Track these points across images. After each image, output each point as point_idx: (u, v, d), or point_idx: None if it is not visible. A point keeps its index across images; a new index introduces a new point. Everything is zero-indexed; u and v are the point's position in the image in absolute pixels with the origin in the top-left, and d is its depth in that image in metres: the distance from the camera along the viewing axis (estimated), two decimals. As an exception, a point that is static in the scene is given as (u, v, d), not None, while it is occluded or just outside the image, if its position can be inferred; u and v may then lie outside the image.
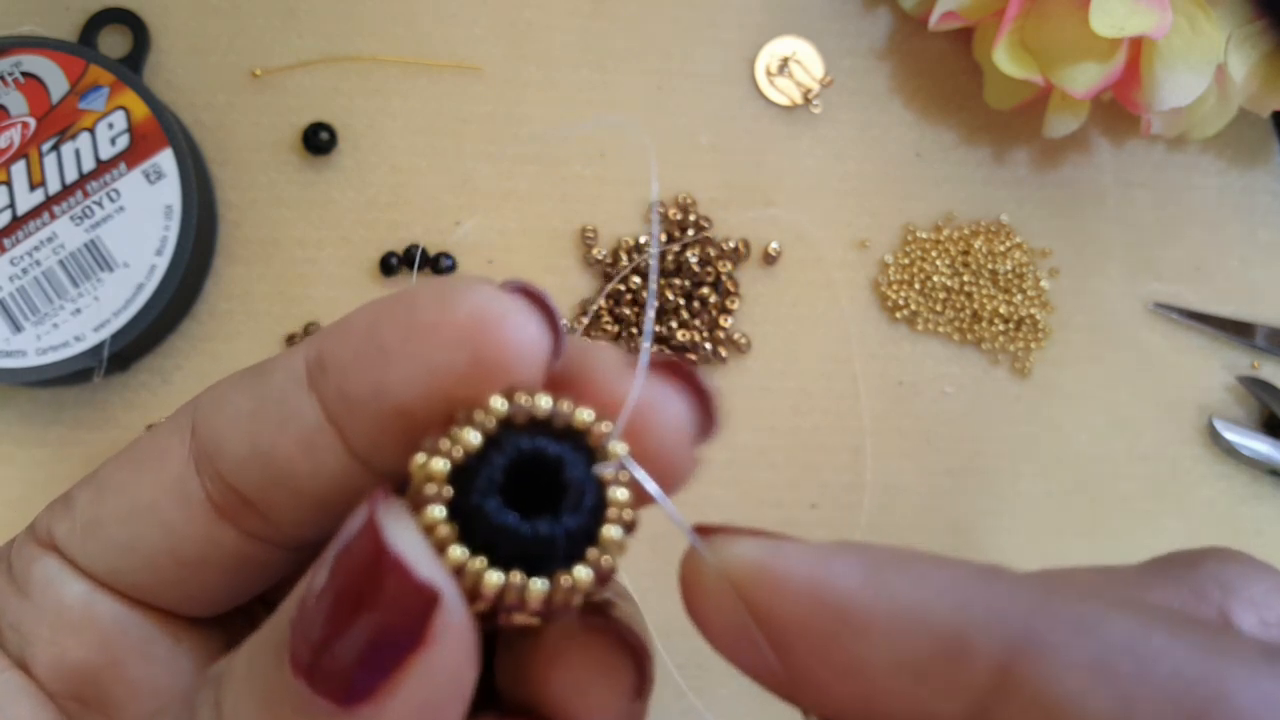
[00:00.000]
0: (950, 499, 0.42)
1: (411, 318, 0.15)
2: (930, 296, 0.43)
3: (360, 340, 0.16)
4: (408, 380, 0.15)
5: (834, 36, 0.44)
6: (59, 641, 0.18)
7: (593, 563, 0.15)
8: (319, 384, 0.16)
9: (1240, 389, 0.43)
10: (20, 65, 0.39)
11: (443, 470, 0.15)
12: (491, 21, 0.44)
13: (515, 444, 0.15)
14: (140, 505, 0.17)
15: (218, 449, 0.17)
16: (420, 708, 0.14)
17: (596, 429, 0.15)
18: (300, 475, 0.17)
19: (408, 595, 0.14)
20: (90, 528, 0.18)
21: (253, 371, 0.18)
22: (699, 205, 0.43)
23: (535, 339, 0.15)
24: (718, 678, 0.41)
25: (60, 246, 0.38)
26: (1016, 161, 0.45)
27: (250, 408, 0.17)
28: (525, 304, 0.16)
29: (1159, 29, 0.37)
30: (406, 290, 0.16)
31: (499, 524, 0.14)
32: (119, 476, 0.18)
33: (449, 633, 0.14)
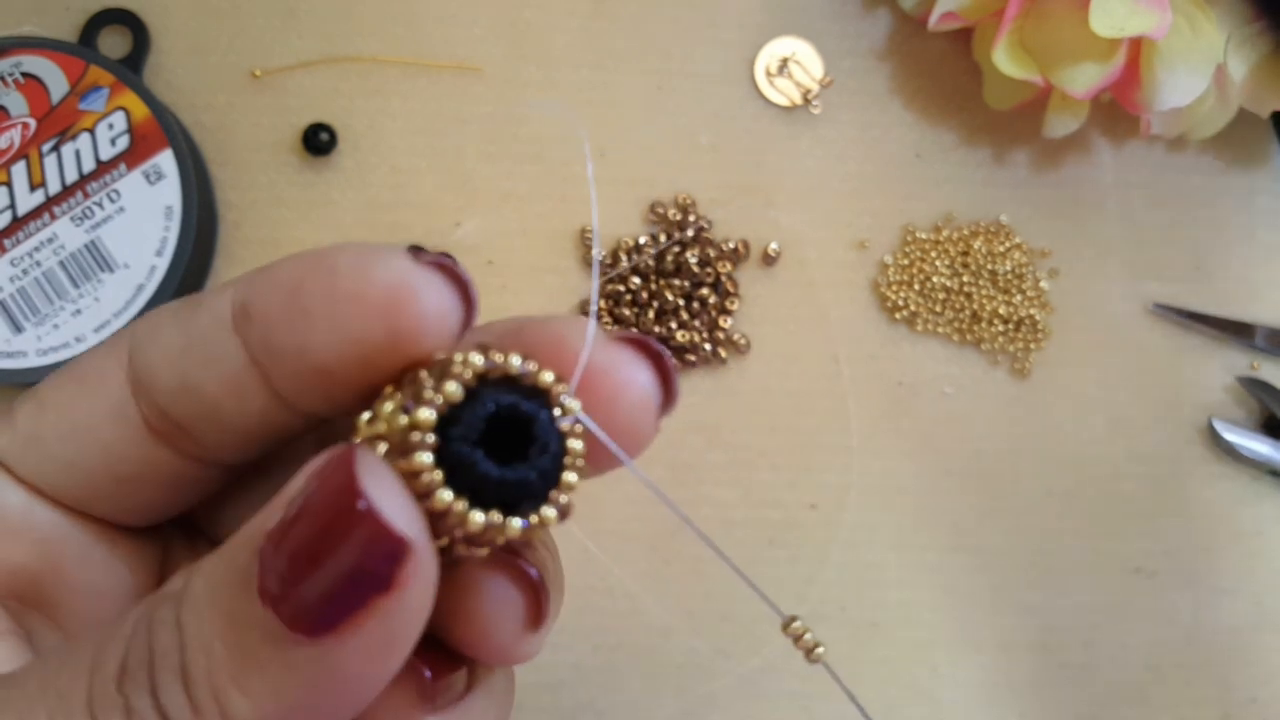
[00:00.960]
0: (950, 499, 0.42)
1: (333, 284, 0.17)
2: (930, 297, 0.43)
3: (285, 297, 0.17)
4: (328, 343, 0.17)
5: (834, 37, 0.44)
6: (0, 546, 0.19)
7: (555, 503, 0.17)
8: (244, 330, 0.17)
9: (1240, 389, 0.43)
10: (20, 66, 0.39)
11: (430, 419, 0.16)
12: (491, 21, 0.44)
13: (494, 398, 0.16)
14: (80, 425, 0.18)
15: (151, 379, 0.18)
16: (381, 643, 0.15)
17: (557, 388, 0.17)
18: (228, 411, 0.18)
19: (382, 542, 0.14)
20: (30, 442, 0.19)
21: (185, 305, 0.18)
22: (699, 205, 0.43)
23: (448, 312, 0.17)
24: (718, 677, 0.41)
25: (60, 247, 0.38)
26: (1016, 162, 0.45)
27: (180, 344, 0.18)
28: (439, 277, 0.17)
29: (1159, 29, 0.37)
30: (329, 250, 0.17)
31: (483, 472, 0.16)
32: (60, 396, 0.19)
33: (417, 579, 0.15)
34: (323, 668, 0.15)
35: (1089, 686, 0.42)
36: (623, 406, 0.18)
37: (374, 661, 0.15)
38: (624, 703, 0.41)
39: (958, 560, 0.42)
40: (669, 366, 0.18)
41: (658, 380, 0.18)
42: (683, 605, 0.41)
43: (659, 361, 0.18)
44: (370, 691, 0.15)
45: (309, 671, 0.15)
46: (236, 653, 0.15)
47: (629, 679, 0.41)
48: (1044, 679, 0.42)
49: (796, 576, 0.42)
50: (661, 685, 0.41)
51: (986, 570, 0.42)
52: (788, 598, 0.42)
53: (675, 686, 0.41)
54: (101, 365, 0.19)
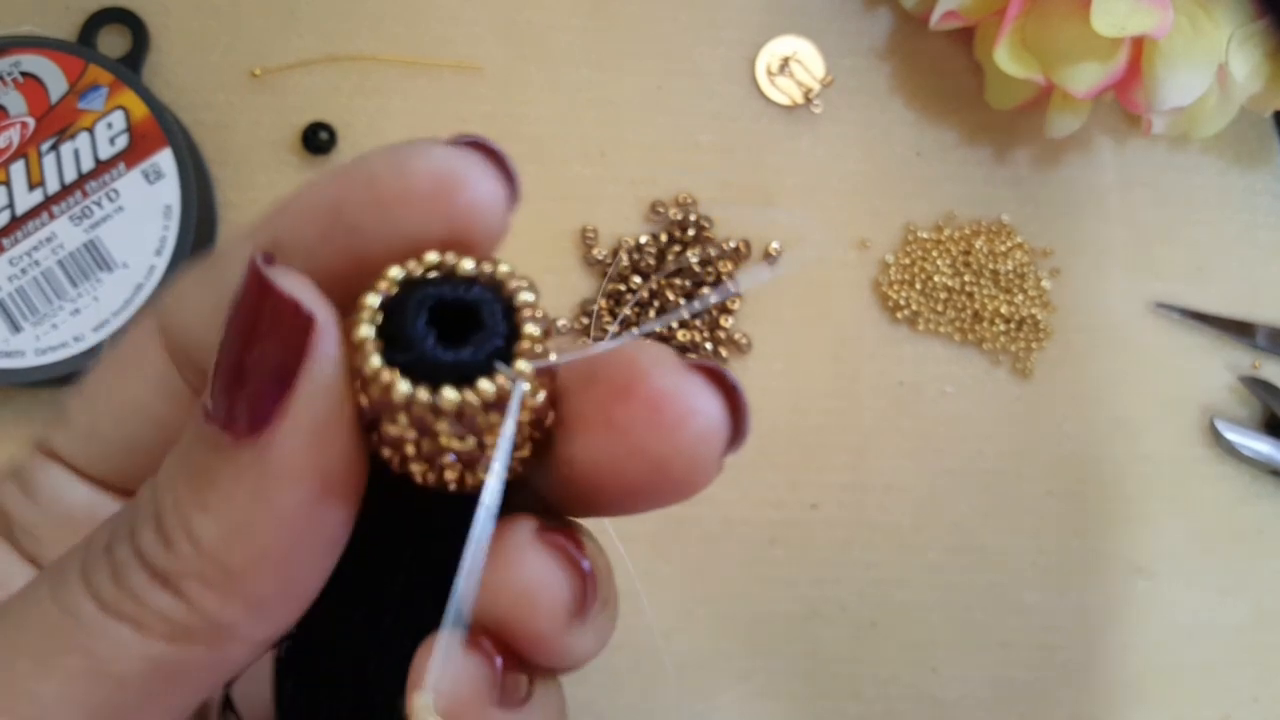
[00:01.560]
0: (950, 499, 0.42)
1: (375, 190, 0.16)
2: (931, 296, 0.43)
3: (324, 219, 0.16)
4: (385, 253, 0.16)
5: (835, 36, 0.44)
6: (67, 542, 0.19)
7: (494, 380, 0.15)
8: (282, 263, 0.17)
9: (1241, 389, 0.43)
10: (19, 65, 0.39)
11: (373, 302, 0.15)
12: (491, 21, 0.44)
13: (440, 286, 0.16)
14: (130, 406, 0.19)
15: (188, 343, 0.18)
16: (312, 432, 0.15)
17: (513, 281, 0.16)
18: None
19: (289, 322, 0.15)
20: (87, 434, 0.19)
21: (208, 264, 0.18)
22: (699, 205, 0.43)
23: (498, 192, 0.16)
24: (719, 678, 0.41)
25: (59, 247, 0.38)
26: (1017, 161, 0.44)
27: (211, 300, 0.17)
28: (478, 158, 0.16)
29: (1160, 28, 0.37)
30: (357, 161, 0.16)
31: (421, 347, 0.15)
32: (105, 382, 0.19)
33: (326, 350, 0.15)
34: (265, 464, 0.15)
35: (1089, 686, 0.42)
36: (686, 435, 0.16)
37: (310, 450, 0.15)
38: (624, 703, 0.41)
39: (958, 560, 0.42)
40: (742, 401, 0.17)
41: (728, 413, 0.17)
42: (683, 605, 0.41)
43: (732, 394, 0.17)
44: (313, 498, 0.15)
45: (253, 471, 0.15)
46: (193, 476, 0.15)
47: (629, 679, 0.40)
48: (1044, 679, 0.42)
49: (796, 576, 0.42)
50: (661, 685, 0.41)
51: (986, 570, 0.42)
52: (788, 598, 0.42)
53: (675, 686, 0.41)
54: (138, 342, 0.19)
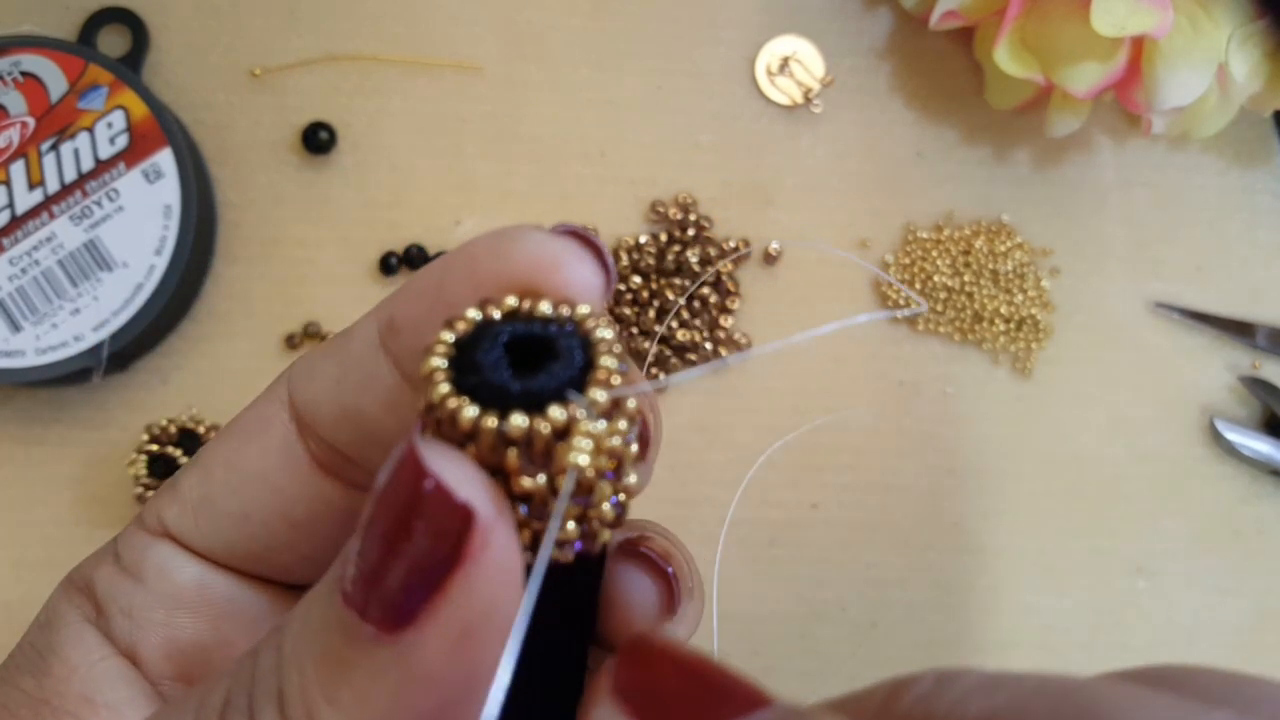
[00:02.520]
0: (950, 499, 0.42)
1: (473, 270, 0.16)
2: (931, 296, 0.43)
3: (430, 298, 0.17)
4: None
5: (835, 36, 0.44)
6: (172, 623, 0.18)
7: (603, 384, 0.15)
8: (392, 346, 0.17)
9: (1241, 389, 0.43)
10: (19, 65, 0.39)
11: (447, 337, 0.15)
12: (491, 21, 0.44)
13: (516, 322, 0.16)
14: (249, 474, 0.18)
15: (313, 413, 0.18)
16: (461, 632, 0.14)
17: (590, 320, 0.16)
18: (388, 430, 0.18)
19: (446, 515, 0.14)
20: (201, 506, 0.19)
21: (337, 339, 0.19)
22: (699, 205, 0.43)
23: (589, 279, 0.17)
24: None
25: (59, 246, 0.38)
26: (1017, 161, 0.44)
27: (336, 374, 0.18)
28: (576, 245, 0.16)
29: (1160, 28, 0.37)
30: (467, 244, 0.17)
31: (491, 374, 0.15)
32: (224, 452, 0.19)
33: (487, 552, 0.14)
34: (406, 667, 0.14)
35: (1089, 686, 0.42)
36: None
37: (456, 656, 0.14)
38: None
39: (958, 560, 0.42)
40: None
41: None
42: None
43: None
44: (460, 695, 0.14)
45: (393, 673, 0.14)
46: (324, 663, 0.14)
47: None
48: (1044, 679, 0.42)
49: (796, 576, 0.42)
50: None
51: (986, 570, 0.42)
52: (788, 598, 0.42)
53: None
54: (263, 412, 0.19)
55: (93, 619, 0.19)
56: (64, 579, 0.19)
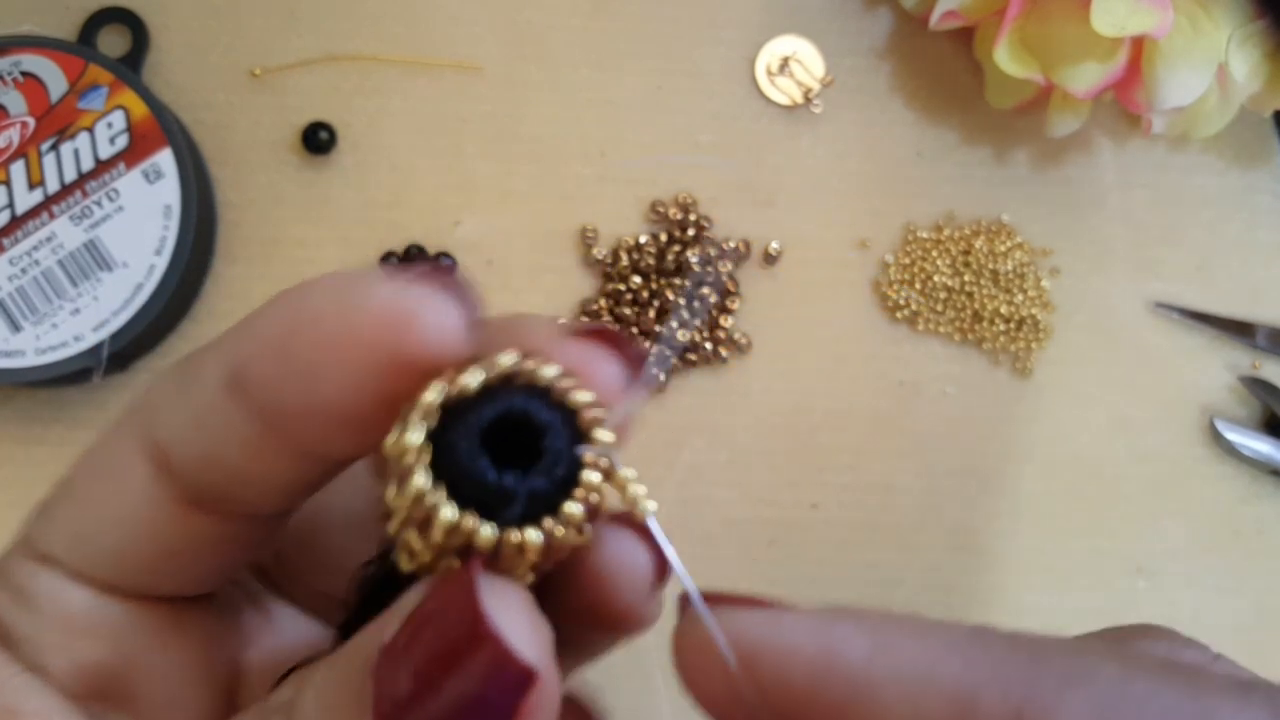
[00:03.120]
0: (950, 499, 0.42)
1: (320, 333, 0.15)
2: (931, 296, 0.43)
3: (279, 356, 0.16)
4: (336, 394, 0.15)
5: (835, 36, 0.44)
6: (72, 647, 0.18)
7: (545, 530, 0.15)
8: (243, 400, 0.16)
9: (1241, 389, 0.43)
10: (19, 65, 0.39)
11: (433, 401, 0.15)
12: (491, 21, 0.44)
13: (508, 399, 0.15)
14: (118, 516, 0.18)
15: (171, 457, 0.17)
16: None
17: (590, 410, 0.15)
18: (256, 472, 0.17)
19: (505, 670, 0.14)
20: (77, 541, 0.18)
21: (181, 376, 0.17)
22: (699, 205, 0.43)
23: (452, 323, 0.15)
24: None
25: (59, 246, 0.38)
26: (1018, 161, 0.44)
27: (187, 419, 0.17)
28: (430, 291, 0.15)
29: (1160, 28, 0.37)
30: (305, 294, 0.16)
31: (467, 463, 0.14)
32: (91, 490, 0.18)
33: (540, 709, 0.14)
34: None
35: (1089, 687, 0.42)
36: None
37: None
38: (624, 703, 0.41)
39: (958, 560, 0.42)
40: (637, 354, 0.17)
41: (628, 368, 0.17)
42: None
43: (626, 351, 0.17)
44: None
45: None
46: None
47: (629, 679, 0.40)
48: (1044, 679, 0.42)
49: (796, 576, 0.42)
50: (662, 685, 0.41)
51: (986, 570, 0.42)
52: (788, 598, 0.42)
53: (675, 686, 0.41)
54: (119, 450, 0.18)
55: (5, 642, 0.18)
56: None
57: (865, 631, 0.16)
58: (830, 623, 0.16)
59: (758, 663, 0.16)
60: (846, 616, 0.16)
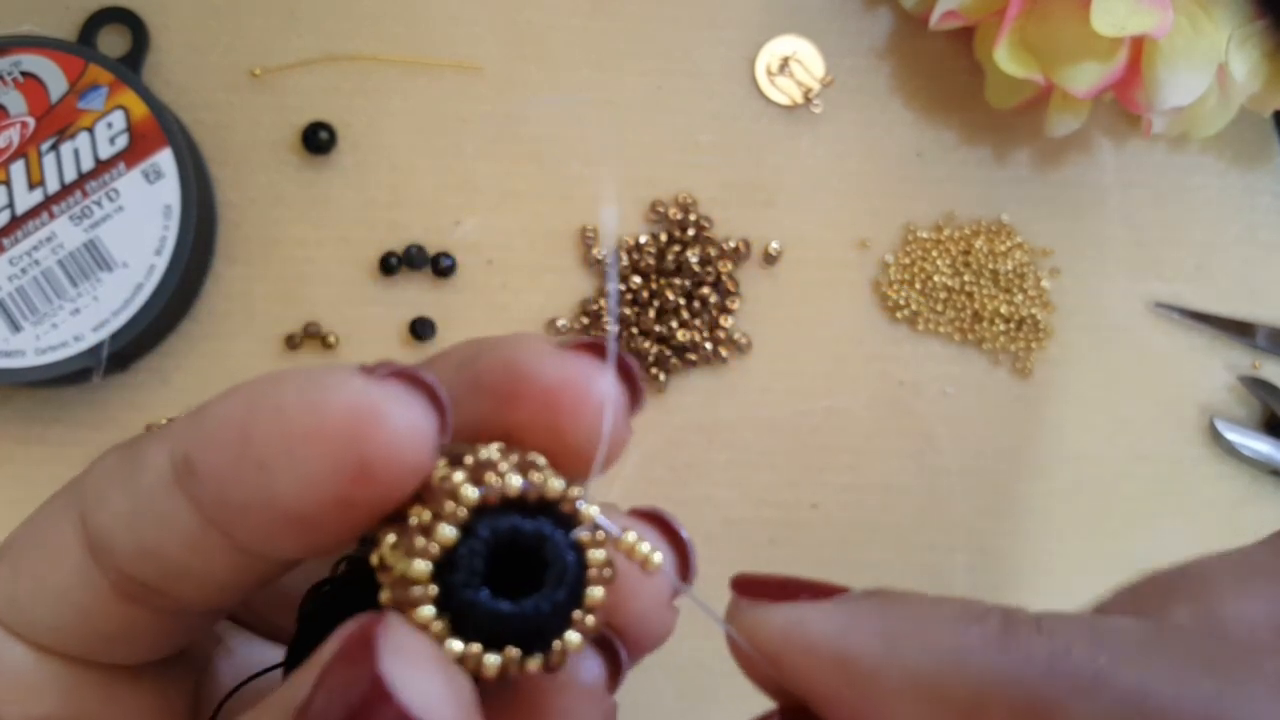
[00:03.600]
0: (950, 499, 0.42)
1: (284, 425, 0.15)
2: (931, 296, 0.43)
3: (232, 448, 0.15)
4: (295, 492, 0.15)
5: (835, 36, 0.44)
6: (19, 701, 0.17)
7: (579, 625, 0.15)
8: (191, 489, 0.15)
9: (1241, 389, 0.43)
10: (19, 64, 0.39)
11: (425, 571, 0.14)
12: (491, 21, 0.44)
13: (492, 528, 0.15)
14: (52, 590, 0.17)
15: (107, 545, 0.16)
16: None
17: (569, 494, 0.15)
18: (195, 569, 0.16)
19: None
20: (11, 605, 0.17)
21: (125, 461, 0.17)
22: (699, 205, 0.43)
23: (419, 426, 0.15)
24: (719, 678, 0.41)
25: (59, 246, 0.38)
26: (1017, 161, 0.44)
27: (128, 507, 0.16)
28: (401, 389, 0.15)
29: (1160, 28, 0.37)
30: (269, 383, 0.15)
31: (491, 611, 0.14)
32: (28, 559, 0.18)
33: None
34: None
35: (1089, 687, 0.42)
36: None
37: None
38: (624, 703, 0.41)
39: (958, 560, 0.42)
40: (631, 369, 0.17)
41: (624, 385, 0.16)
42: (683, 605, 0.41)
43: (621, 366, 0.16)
44: None
45: None
46: None
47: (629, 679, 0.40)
48: (1044, 679, 0.42)
49: (797, 576, 0.42)
50: (661, 685, 0.41)
51: (986, 570, 0.42)
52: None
53: (675, 686, 0.41)
54: (56, 527, 0.17)
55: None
56: None
57: (881, 629, 0.16)
58: (849, 618, 0.16)
59: (781, 665, 0.16)
60: (867, 609, 0.16)
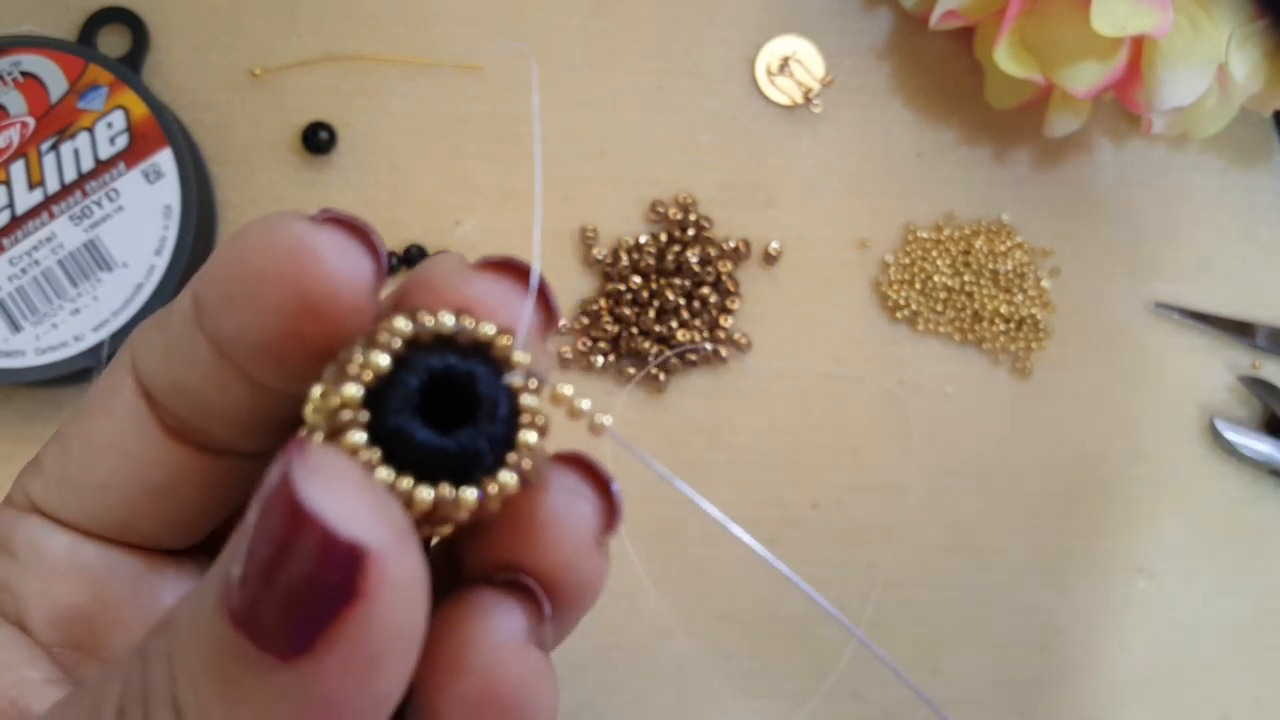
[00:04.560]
0: (950, 499, 0.42)
1: (245, 262, 0.16)
2: (931, 296, 0.43)
3: (219, 286, 0.17)
4: (255, 324, 0.16)
5: (835, 36, 0.44)
6: (50, 592, 0.18)
7: (514, 466, 0.15)
8: (201, 324, 0.17)
9: (1241, 389, 0.43)
10: (19, 64, 0.39)
11: (356, 395, 0.15)
12: (491, 21, 0.44)
13: (425, 363, 0.15)
14: (103, 443, 0.18)
15: (150, 382, 0.18)
16: (364, 660, 0.13)
17: (500, 341, 0.16)
18: (217, 402, 0.18)
19: (332, 550, 0.13)
20: (62, 479, 0.19)
21: (165, 309, 0.18)
22: (699, 205, 0.43)
23: (355, 266, 0.16)
24: (719, 678, 0.41)
25: (59, 246, 0.38)
26: (1017, 161, 0.44)
27: (162, 346, 0.18)
28: (338, 233, 0.16)
29: (1160, 28, 0.37)
30: (245, 229, 0.17)
31: (422, 442, 0.15)
32: (79, 425, 0.19)
33: (388, 585, 0.13)
34: (308, 692, 0.13)
35: (1089, 686, 0.42)
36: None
37: (364, 680, 0.13)
38: (624, 703, 0.41)
39: (958, 560, 0.42)
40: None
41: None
42: (683, 605, 0.41)
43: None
44: (374, 713, 0.14)
45: (295, 697, 0.13)
46: (221, 685, 0.14)
47: (629, 679, 0.40)
48: (1044, 679, 0.42)
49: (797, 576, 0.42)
50: (661, 685, 0.41)
51: (986, 570, 0.42)
52: (788, 598, 0.42)
53: (675, 686, 0.41)
54: (112, 382, 0.19)
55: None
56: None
57: None
58: None
59: None
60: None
